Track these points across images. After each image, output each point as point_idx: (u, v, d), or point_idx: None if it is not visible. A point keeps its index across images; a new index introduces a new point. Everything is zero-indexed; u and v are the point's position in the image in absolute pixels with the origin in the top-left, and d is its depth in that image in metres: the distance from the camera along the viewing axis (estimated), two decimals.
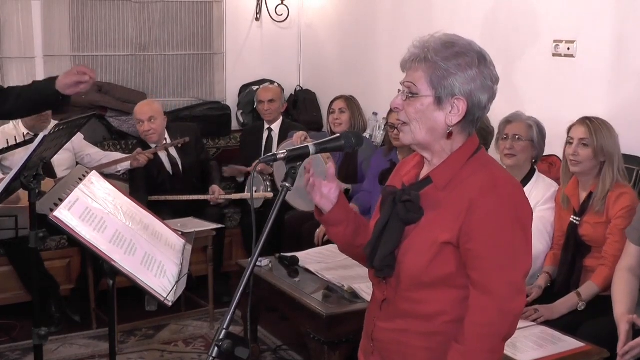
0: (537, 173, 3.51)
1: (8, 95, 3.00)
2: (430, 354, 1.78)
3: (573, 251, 3.23)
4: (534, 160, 3.52)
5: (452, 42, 1.75)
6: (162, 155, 4.84)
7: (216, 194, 4.78)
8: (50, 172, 4.35)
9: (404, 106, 1.78)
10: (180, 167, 4.86)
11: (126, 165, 4.66)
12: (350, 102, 4.87)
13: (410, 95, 1.76)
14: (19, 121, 4.55)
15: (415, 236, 1.77)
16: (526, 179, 3.48)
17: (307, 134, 4.64)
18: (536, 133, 3.47)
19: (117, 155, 4.78)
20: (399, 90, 1.80)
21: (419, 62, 1.74)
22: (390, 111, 4.12)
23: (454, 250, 1.73)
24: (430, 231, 1.75)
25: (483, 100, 1.77)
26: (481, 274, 1.71)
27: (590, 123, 3.18)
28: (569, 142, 3.24)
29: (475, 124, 1.80)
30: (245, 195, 4.94)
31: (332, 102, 4.94)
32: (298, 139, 4.50)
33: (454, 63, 1.72)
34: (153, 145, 4.81)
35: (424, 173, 1.85)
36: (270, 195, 4.75)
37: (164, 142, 4.83)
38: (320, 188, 1.87)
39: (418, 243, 1.76)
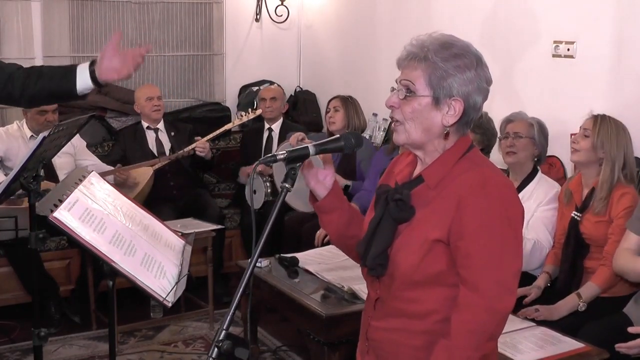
0: (539, 173, 3.52)
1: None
2: (424, 352, 1.78)
3: (574, 248, 3.24)
4: (536, 160, 3.52)
5: (450, 43, 1.75)
6: (153, 147, 4.98)
7: (200, 141, 4.84)
8: (52, 175, 4.35)
9: (400, 104, 1.78)
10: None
11: (110, 179, 4.66)
12: (346, 102, 4.88)
13: (407, 94, 1.76)
14: (23, 123, 4.56)
15: (407, 234, 1.78)
16: (528, 179, 3.48)
17: (304, 134, 4.65)
18: (537, 131, 3.48)
19: (106, 167, 4.76)
20: (393, 88, 1.80)
21: (418, 61, 1.74)
22: None
23: (444, 248, 1.74)
24: (421, 229, 1.75)
25: (478, 101, 1.78)
26: (470, 272, 1.71)
27: (600, 119, 3.20)
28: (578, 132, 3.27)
29: (469, 125, 1.81)
30: (228, 125, 5.13)
31: (329, 102, 4.96)
32: (294, 139, 4.51)
33: (453, 64, 1.72)
34: (154, 124, 5.01)
35: (416, 172, 1.86)
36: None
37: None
38: (317, 174, 1.88)
39: (409, 241, 1.76)
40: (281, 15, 5.93)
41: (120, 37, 2.55)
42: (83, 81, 2.55)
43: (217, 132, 5.02)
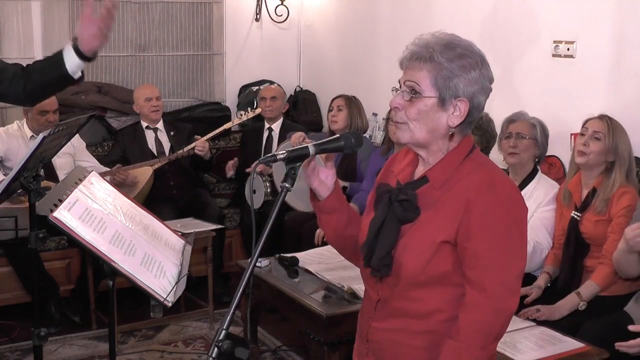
0: (539, 173, 3.52)
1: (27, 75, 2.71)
2: (426, 353, 1.78)
3: (574, 247, 3.24)
4: (537, 160, 3.52)
5: (454, 43, 1.74)
6: (153, 147, 4.98)
7: (200, 141, 4.85)
8: (52, 175, 4.34)
9: (404, 106, 1.76)
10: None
11: (108, 179, 4.64)
12: (350, 102, 4.87)
13: (413, 96, 1.75)
14: (24, 123, 4.55)
15: (412, 235, 1.77)
16: (528, 179, 3.48)
17: (305, 134, 4.65)
18: (539, 132, 3.48)
19: (104, 170, 4.76)
20: (394, 89, 1.79)
21: (424, 61, 1.73)
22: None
23: (451, 248, 1.73)
24: (427, 230, 1.75)
25: (482, 101, 1.77)
26: (476, 272, 1.71)
27: (609, 121, 3.20)
28: (581, 134, 3.25)
29: (472, 125, 1.81)
30: (228, 125, 5.16)
31: (332, 100, 4.95)
32: (296, 139, 4.50)
33: (458, 64, 1.72)
34: (153, 124, 5.01)
35: (418, 171, 1.85)
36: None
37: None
38: (318, 173, 1.87)
39: (415, 242, 1.76)
40: (281, 15, 5.92)
41: (92, 6, 2.57)
42: (71, 61, 2.58)
43: (217, 131, 5.02)
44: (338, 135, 1.83)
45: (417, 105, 1.74)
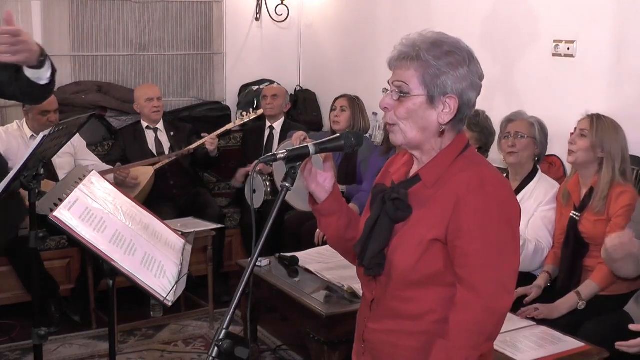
0: (539, 172, 3.52)
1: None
2: (421, 354, 1.78)
3: (573, 247, 3.24)
4: (536, 159, 3.53)
5: (441, 41, 1.75)
6: (153, 147, 4.99)
7: (210, 136, 4.92)
8: (52, 175, 4.34)
9: (393, 106, 1.77)
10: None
11: (110, 177, 4.65)
12: (353, 102, 4.87)
13: (402, 95, 1.75)
14: (24, 122, 4.55)
15: (404, 234, 1.77)
16: (528, 179, 3.48)
17: (306, 134, 4.64)
18: (538, 131, 3.49)
19: (106, 167, 4.76)
20: (384, 90, 1.80)
21: (411, 60, 1.74)
22: None
23: (442, 247, 1.73)
24: (418, 228, 1.75)
25: (472, 98, 1.78)
26: (467, 271, 1.71)
27: (596, 118, 3.21)
28: (572, 134, 3.26)
29: (463, 122, 1.81)
30: (229, 125, 5.21)
31: (335, 100, 4.94)
32: (297, 139, 4.50)
33: (445, 61, 1.72)
34: (153, 124, 5.01)
35: (413, 171, 1.86)
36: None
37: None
38: (316, 176, 1.88)
39: (407, 241, 1.76)
40: (281, 15, 5.92)
41: (10, 17, 2.51)
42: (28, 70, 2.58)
43: (221, 130, 5.04)
44: (338, 134, 1.83)
45: (406, 104, 1.75)
